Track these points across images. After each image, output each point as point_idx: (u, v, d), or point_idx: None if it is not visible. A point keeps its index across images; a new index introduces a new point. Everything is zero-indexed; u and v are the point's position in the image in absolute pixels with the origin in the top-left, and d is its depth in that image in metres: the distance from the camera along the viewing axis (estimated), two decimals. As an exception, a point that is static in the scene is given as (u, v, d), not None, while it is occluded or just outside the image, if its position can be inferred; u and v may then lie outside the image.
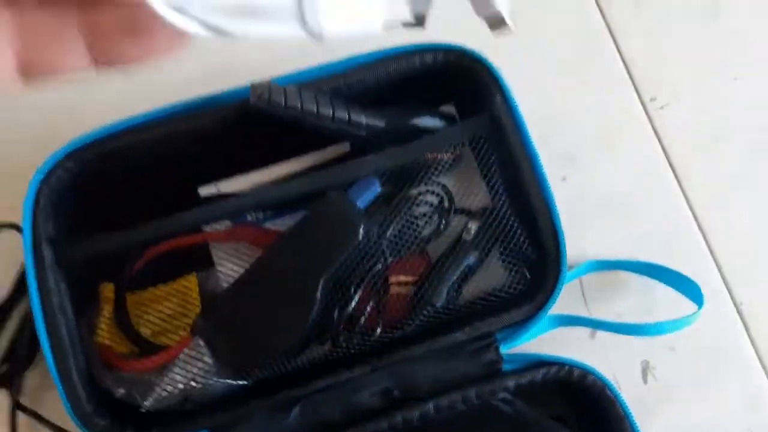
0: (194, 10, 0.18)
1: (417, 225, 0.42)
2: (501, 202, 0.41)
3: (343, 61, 0.41)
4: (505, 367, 0.39)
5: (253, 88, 0.38)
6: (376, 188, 0.41)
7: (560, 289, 0.39)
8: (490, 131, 0.42)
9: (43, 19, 0.22)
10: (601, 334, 0.46)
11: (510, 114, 0.41)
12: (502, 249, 0.42)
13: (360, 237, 0.37)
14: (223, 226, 0.42)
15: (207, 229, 0.41)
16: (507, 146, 0.41)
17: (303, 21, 0.18)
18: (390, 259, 0.40)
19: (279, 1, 0.18)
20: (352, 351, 0.38)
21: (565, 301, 0.46)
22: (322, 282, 0.36)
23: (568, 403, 0.39)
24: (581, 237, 0.47)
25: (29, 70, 0.22)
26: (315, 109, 0.38)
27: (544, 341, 0.45)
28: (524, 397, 0.39)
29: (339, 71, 0.41)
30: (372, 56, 0.42)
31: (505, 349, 0.40)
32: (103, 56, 0.22)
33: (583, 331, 0.46)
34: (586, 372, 0.39)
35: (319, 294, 0.36)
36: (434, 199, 0.43)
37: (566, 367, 0.39)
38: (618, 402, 0.38)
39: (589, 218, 0.48)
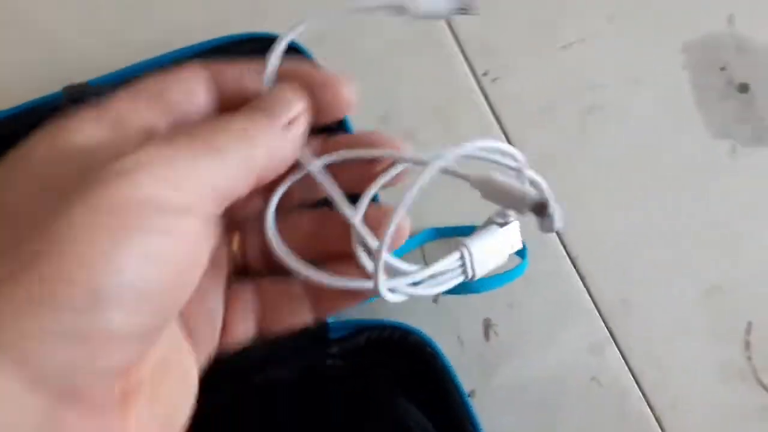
0: (403, 288, 0.27)
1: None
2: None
3: (167, 54, 0.43)
4: (332, 335, 0.42)
5: (66, 89, 0.40)
6: None
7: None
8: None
9: (277, 287, 0.27)
10: (444, 300, 0.48)
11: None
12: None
13: None
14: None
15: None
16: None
17: None
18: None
19: None
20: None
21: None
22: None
23: (394, 364, 0.41)
24: (424, 209, 0.50)
25: (264, 330, 0.27)
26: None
27: (391, 310, 0.47)
28: (353, 360, 0.41)
29: (162, 64, 0.43)
30: (199, 47, 0.43)
31: (332, 319, 0.42)
32: (323, 313, 0.27)
33: (427, 299, 0.48)
34: (406, 331, 0.41)
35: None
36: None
37: (387, 329, 0.41)
38: (439, 357, 0.41)
39: (430, 190, 0.51)
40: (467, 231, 0.49)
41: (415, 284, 0.28)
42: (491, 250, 0.29)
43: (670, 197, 0.52)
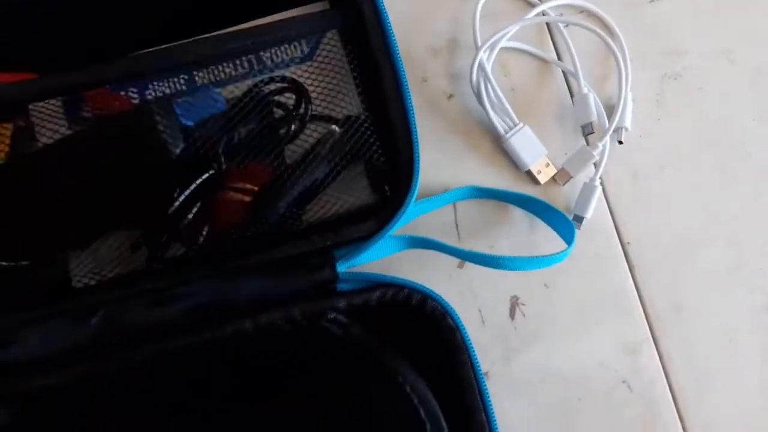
0: None
1: (264, 130, 0.38)
2: (362, 109, 0.38)
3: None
4: (341, 286, 0.36)
5: None
6: (220, 105, 0.37)
7: (406, 206, 0.35)
8: (353, 27, 0.37)
9: None
10: (472, 266, 0.42)
11: (373, 6, 0.37)
12: (359, 162, 0.38)
13: (172, 159, 0.33)
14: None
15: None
16: (370, 47, 0.37)
17: None
18: (224, 166, 0.36)
19: None
20: (171, 257, 0.35)
21: (438, 228, 0.43)
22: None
23: (407, 330, 0.36)
24: (459, 164, 0.44)
25: None
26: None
27: (408, 267, 0.41)
28: (361, 321, 0.36)
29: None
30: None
31: (344, 268, 0.36)
32: None
33: (452, 261, 0.42)
34: (426, 296, 0.35)
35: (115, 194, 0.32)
36: (289, 102, 0.39)
37: (405, 290, 0.35)
38: (459, 331, 0.35)
39: (471, 143, 0.44)
40: (506, 195, 0.43)
41: None
42: None
43: (744, 194, 0.45)
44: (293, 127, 0.38)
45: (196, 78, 0.39)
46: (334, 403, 0.34)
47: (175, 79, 0.39)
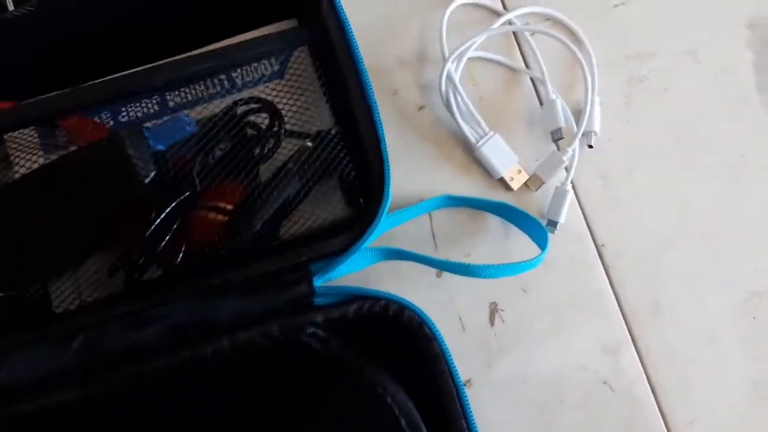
0: None
1: (238, 151, 0.38)
2: (333, 124, 0.38)
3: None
4: (318, 301, 0.36)
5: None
6: (191, 128, 0.37)
7: (379, 218, 0.36)
8: (320, 43, 0.38)
9: None
10: (450, 275, 0.43)
11: (338, 22, 0.37)
12: (336, 178, 0.39)
13: (144, 185, 0.33)
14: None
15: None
16: (336, 61, 0.38)
17: None
18: (199, 187, 0.37)
19: None
20: (147, 279, 0.35)
21: (414, 238, 0.43)
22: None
23: (385, 341, 0.36)
24: (433, 174, 0.44)
25: None
26: None
27: (386, 279, 0.42)
28: (339, 334, 0.36)
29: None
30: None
31: (321, 282, 0.36)
32: None
33: (430, 270, 0.43)
34: (402, 307, 0.35)
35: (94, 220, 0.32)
36: (262, 121, 0.39)
37: (381, 302, 0.36)
38: (435, 340, 0.35)
39: (443, 153, 0.45)
40: (480, 203, 0.44)
41: None
42: None
43: (715, 188, 0.46)
44: (267, 146, 0.38)
45: (168, 99, 0.40)
46: (316, 417, 0.34)
47: (147, 101, 0.40)
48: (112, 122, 0.39)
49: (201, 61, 0.38)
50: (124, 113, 0.39)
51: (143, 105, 0.40)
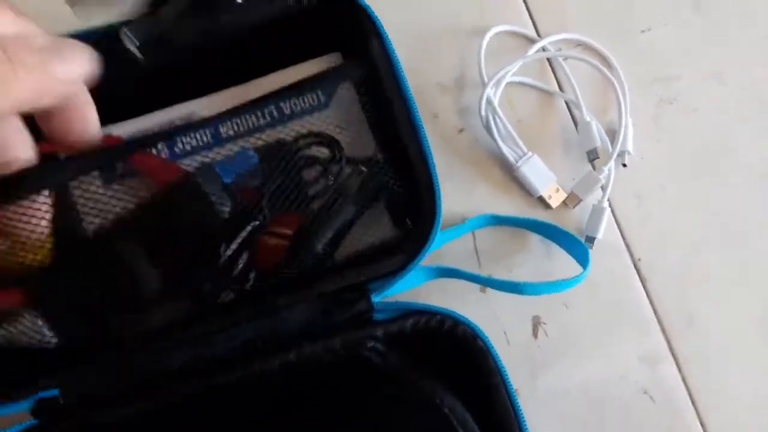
0: None
1: (302, 180, 0.40)
2: (378, 150, 0.40)
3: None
4: (377, 316, 0.38)
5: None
6: (254, 160, 0.39)
7: (432, 239, 0.38)
8: (366, 76, 0.40)
9: None
10: (494, 291, 0.44)
11: (386, 58, 0.39)
12: (383, 201, 0.41)
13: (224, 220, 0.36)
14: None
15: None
16: (383, 92, 0.40)
17: None
18: (269, 217, 0.38)
19: None
20: (220, 304, 0.37)
21: (459, 256, 0.45)
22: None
23: (440, 355, 0.38)
24: (473, 194, 0.46)
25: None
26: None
27: (434, 294, 0.44)
28: (398, 348, 0.38)
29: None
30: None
31: (378, 299, 0.38)
32: None
33: (474, 286, 0.45)
34: (457, 322, 0.37)
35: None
36: (323, 152, 0.41)
37: (437, 317, 0.37)
38: (490, 354, 0.37)
39: (483, 174, 0.47)
40: (523, 222, 0.46)
41: None
42: None
43: (745, 201, 0.48)
44: (331, 177, 0.40)
45: (222, 131, 0.42)
46: (378, 428, 0.36)
47: (201, 132, 0.42)
48: (167, 152, 0.41)
49: (256, 105, 0.40)
50: (180, 144, 0.41)
51: (197, 136, 0.42)
